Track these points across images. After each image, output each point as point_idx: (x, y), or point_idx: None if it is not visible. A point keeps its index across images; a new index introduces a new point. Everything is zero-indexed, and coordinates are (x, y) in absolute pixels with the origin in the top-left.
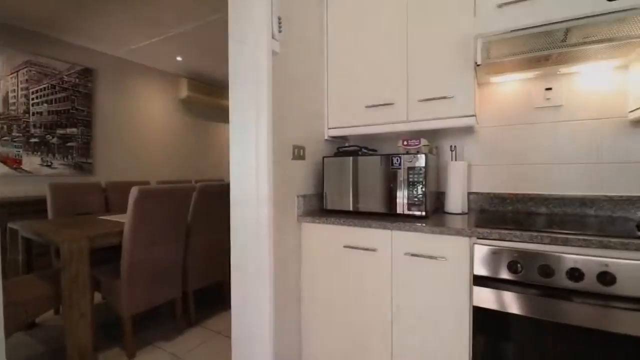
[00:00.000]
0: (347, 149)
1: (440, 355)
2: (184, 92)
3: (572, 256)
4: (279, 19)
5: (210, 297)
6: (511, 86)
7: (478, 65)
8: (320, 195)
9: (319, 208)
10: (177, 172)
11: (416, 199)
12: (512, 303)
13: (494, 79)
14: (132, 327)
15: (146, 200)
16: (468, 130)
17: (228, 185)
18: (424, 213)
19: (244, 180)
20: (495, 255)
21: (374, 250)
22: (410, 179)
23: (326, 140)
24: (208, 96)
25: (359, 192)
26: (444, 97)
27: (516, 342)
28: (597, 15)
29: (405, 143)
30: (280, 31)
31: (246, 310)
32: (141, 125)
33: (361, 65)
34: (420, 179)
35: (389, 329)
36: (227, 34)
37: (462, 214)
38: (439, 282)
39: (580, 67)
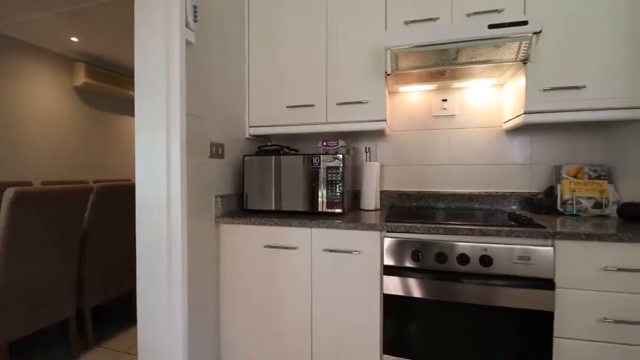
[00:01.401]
0: (268, 148)
1: (356, 343)
2: (80, 79)
3: (461, 243)
4: (195, 7)
5: (116, 312)
6: (415, 96)
7: (388, 74)
8: (240, 195)
9: (239, 208)
10: (71, 172)
11: (335, 198)
12: (415, 288)
13: (402, 88)
14: (8, 356)
15: (25, 204)
16: (380, 134)
17: (134, 185)
18: (341, 210)
19: (152, 179)
20: (401, 246)
21: (294, 248)
22: (330, 178)
23: (247, 138)
24: (112, 85)
25: (281, 191)
26: (360, 102)
27: (420, 322)
28: (479, 39)
29: (324, 144)
30: (195, 21)
31: (155, 322)
32: (23, 115)
33: (283, 66)
34: (339, 178)
35: (308, 323)
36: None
37: (375, 210)
38: (354, 274)
39: (468, 83)
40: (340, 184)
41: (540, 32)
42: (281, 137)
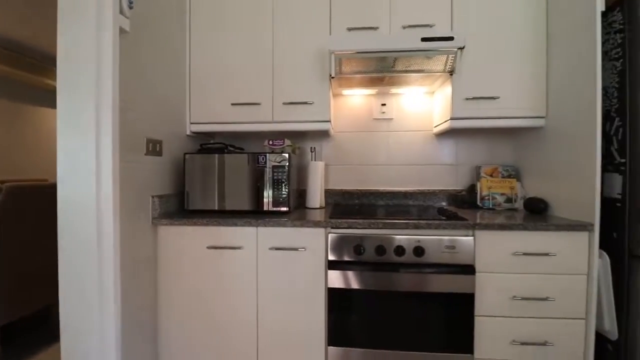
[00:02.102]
0: (211, 146)
1: (301, 337)
2: None
3: (398, 236)
4: None
5: (33, 329)
6: (358, 99)
7: (332, 77)
8: (180, 195)
9: (180, 209)
10: None
11: (281, 196)
12: (357, 280)
13: (345, 91)
14: None
15: None
16: (325, 134)
17: (54, 185)
18: (287, 209)
19: (78, 178)
20: (344, 241)
21: (239, 248)
22: (275, 177)
23: (188, 136)
24: (27, 72)
25: (225, 190)
26: (306, 103)
27: (362, 312)
28: (414, 50)
29: (270, 143)
30: (131, 7)
31: (82, 337)
32: None
33: (227, 62)
34: (284, 177)
35: (254, 321)
36: None
37: (320, 208)
38: (300, 270)
39: (404, 90)
40: (287, 183)
41: (463, 47)
42: (225, 135)
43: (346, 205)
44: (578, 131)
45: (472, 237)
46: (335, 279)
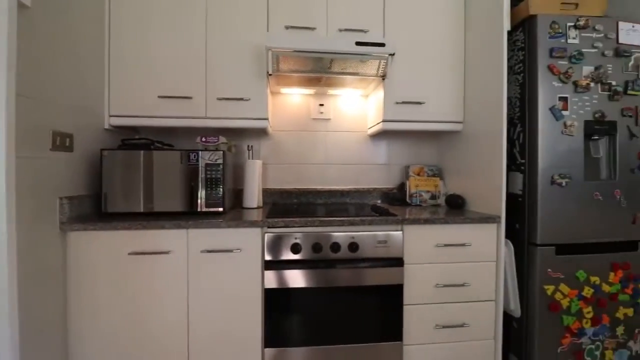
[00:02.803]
0: (135, 141)
1: (237, 341)
2: None
3: (334, 234)
4: None
5: None
6: (296, 98)
7: (270, 74)
8: (97, 197)
9: (96, 212)
10: None
11: (215, 196)
12: (295, 279)
13: (283, 89)
14: None
15: None
16: (263, 132)
17: None
18: (222, 209)
19: None
20: (281, 241)
21: (167, 252)
22: (209, 176)
23: (107, 129)
24: None
25: (153, 190)
26: (242, 99)
27: (300, 311)
28: (349, 53)
29: (203, 140)
30: None
31: None
32: None
33: (154, 50)
34: (219, 176)
35: (184, 330)
36: None
37: (258, 208)
38: (235, 272)
39: (341, 91)
40: (221, 182)
41: (394, 54)
42: (152, 130)
43: (284, 205)
44: (488, 135)
45: (401, 232)
46: (272, 279)
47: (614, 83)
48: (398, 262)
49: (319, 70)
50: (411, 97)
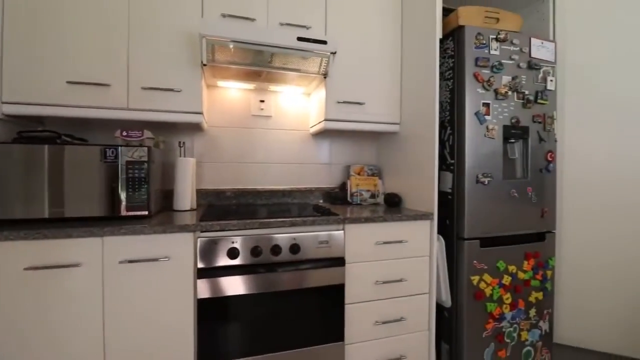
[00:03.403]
0: (36, 134)
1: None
2: None
3: (275, 235)
4: None
5: None
6: (235, 93)
7: (204, 65)
8: None
9: None
10: None
11: (139, 198)
12: (233, 286)
13: (221, 82)
14: None
15: None
16: (197, 128)
17: None
18: (147, 213)
19: None
20: (217, 245)
21: (76, 265)
22: (131, 175)
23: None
24: None
25: (64, 192)
26: (172, 90)
27: (240, 320)
28: (290, 48)
29: (124, 134)
30: None
31: None
32: None
33: (65, 24)
34: (143, 175)
35: (101, 355)
36: None
37: (191, 210)
38: (162, 284)
39: (282, 88)
40: (146, 182)
41: (335, 52)
42: (61, 121)
43: (221, 206)
44: (421, 137)
45: (342, 231)
46: (206, 288)
47: (527, 92)
48: (339, 261)
49: (259, 64)
50: (352, 98)
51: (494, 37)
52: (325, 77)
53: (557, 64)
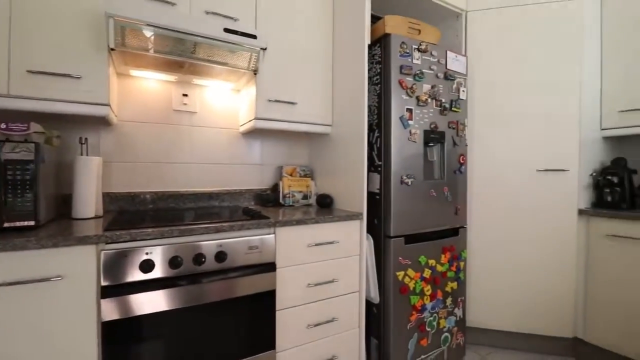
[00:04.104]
0: None
1: None
2: None
3: (198, 243)
4: None
5: None
6: (153, 84)
7: (112, 49)
8: None
9: None
10: None
11: (22, 205)
12: (146, 304)
13: (135, 72)
14: None
15: None
16: (104, 122)
17: None
18: (34, 223)
19: None
20: (127, 258)
21: None
22: (12, 178)
23: None
24: None
25: None
26: (69, 75)
27: (157, 340)
28: (216, 39)
29: (3, 127)
30: None
31: None
32: None
33: None
34: (28, 177)
35: None
36: None
37: (97, 218)
38: (54, 308)
39: (209, 82)
40: (32, 185)
41: (266, 48)
42: None
43: (136, 212)
44: (351, 139)
45: (273, 235)
46: (113, 309)
47: (443, 100)
48: (270, 267)
49: (180, 53)
50: (284, 97)
51: (417, 47)
52: (255, 74)
53: (468, 76)
